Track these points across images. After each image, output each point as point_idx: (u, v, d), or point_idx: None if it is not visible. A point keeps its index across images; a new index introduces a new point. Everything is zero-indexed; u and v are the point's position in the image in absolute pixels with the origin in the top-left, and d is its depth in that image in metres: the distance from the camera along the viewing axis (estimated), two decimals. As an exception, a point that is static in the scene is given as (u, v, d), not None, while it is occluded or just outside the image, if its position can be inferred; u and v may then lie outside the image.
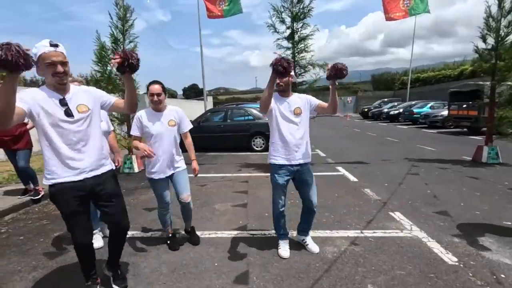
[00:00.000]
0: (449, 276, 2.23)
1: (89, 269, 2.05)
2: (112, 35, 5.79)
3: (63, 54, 1.70)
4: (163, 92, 2.56)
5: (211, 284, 2.21)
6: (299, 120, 2.48)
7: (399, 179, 5.07)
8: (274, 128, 2.52)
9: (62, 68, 1.68)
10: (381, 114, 21.40)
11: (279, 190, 2.57)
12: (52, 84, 1.73)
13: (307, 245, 2.70)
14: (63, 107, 1.73)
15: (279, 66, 2.08)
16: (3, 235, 3.18)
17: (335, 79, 2.30)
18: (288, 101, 2.49)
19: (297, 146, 2.47)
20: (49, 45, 1.64)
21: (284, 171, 2.50)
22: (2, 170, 5.72)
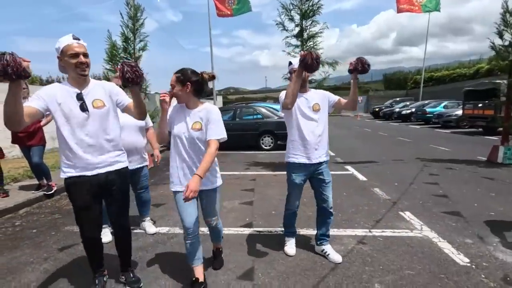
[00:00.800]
0: (461, 277, 2.16)
1: (97, 262, 2.09)
2: (123, 34, 5.89)
3: (84, 46, 1.75)
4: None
5: (216, 280, 2.22)
6: (318, 116, 2.38)
7: (410, 179, 4.96)
8: (292, 126, 2.41)
9: (84, 59, 1.72)
10: (393, 114, 21.02)
11: (296, 190, 2.49)
12: (73, 77, 1.77)
13: (328, 255, 2.47)
14: (79, 102, 1.76)
15: (310, 60, 2.03)
16: (17, 228, 3.28)
17: (357, 73, 2.25)
18: (306, 97, 2.39)
19: (317, 144, 2.37)
20: (72, 38, 1.70)
21: (303, 171, 2.42)
22: (17, 166, 5.90)
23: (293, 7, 5.40)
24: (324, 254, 2.50)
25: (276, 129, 8.19)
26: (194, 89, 1.91)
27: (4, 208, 3.65)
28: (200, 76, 1.92)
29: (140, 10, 5.90)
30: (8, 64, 1.25)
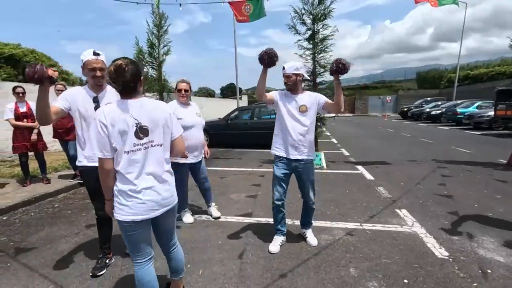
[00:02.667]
0: (434, 268, 2.33)
1: (104, 241, 2.44)
2: (148, 40, 6.47)
3: (102, 61, 2.18)
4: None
5: (212, 257, 2.57)
6: (303, 117, 2.59)
7: (418, 179, 4.99)
8: (278, 122, 2.69)
9: (100, 73, 2.17)
10: (422, 114, 20.19)
11: (276, 181, 2.72)
12: (91, 84, 2.22)
13: (306, 237, 2.83)
14: (94, 103, 2.20)
15: (263, 55, 2.35)
16: (56, 209, 3.89)
17: (337, 74, 2.41)
18: (296, 99, 2.60)
19: (297, 142, 2.58)
20: (92, 53, 2.13)
21: (283, 164, 2.69)
22: (58, 158, 6.71)
23: (305, 12, 5.62)
24: (303, 236, 2.89)
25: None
26: None
27: (46, 193, 4.30)
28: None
29: (164, 18, 6.44)
30: (36, 71, 1.64)
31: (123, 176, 1.54)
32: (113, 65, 1.50)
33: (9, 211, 3.71)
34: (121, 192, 1.56)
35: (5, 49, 13.18)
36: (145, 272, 1.66)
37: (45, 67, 1.67)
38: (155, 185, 1.60)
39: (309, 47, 5.76)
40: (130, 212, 1.54)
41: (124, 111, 1.51)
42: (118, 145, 1.50)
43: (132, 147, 1.53)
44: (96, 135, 1.48)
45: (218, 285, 2.16)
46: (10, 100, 4.71)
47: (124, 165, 1.53)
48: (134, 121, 1.52)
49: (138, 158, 1.55)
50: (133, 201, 1.54)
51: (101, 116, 1.48)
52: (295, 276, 2.26)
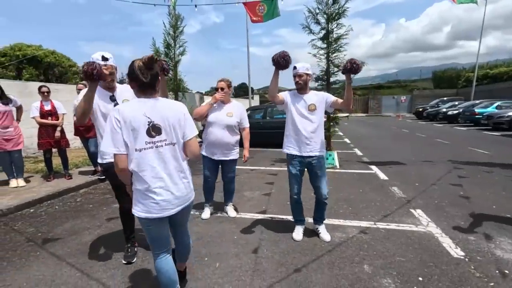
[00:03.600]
0: (449, 267, 2.33)
1: (128, 232, 2.60)
2: (165, 41, 6.63)
3: (111, 66, 2.28)
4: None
5: (228, 251, 2.65)
6: (313, 116, 2.70)
7: (433, 179, 4.92)
8: (289, 121, 2.80)
9: (109, 78, 2.28)
10: (438, 114, 19.70)
11: (292, 179, 2.85)
12: (103, 85, 2.32)
13: (319, 233, 2.89)
14: (112, 102, 2.31)
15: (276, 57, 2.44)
16: (78, 203, 4.07)
17: (350, 74, 2.51)
18: (304, 98, 2.71)
19: (308, 139, 2.69)
20: (101, 59, 2.21)
21: (296, 162, 2.78)
22: (78, 155, 6.98)
23: (319, 11, 5.63)
24: (317, 231, 2.93)
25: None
26: None
27: (69, 188, 4.50)
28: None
29: (180, 19, 6.59)
30: (94, 68, 1.81)
31: (137, 175, 1.56)
32: (143, 58, 1.55)
33: (36, 204, 3.92)
34: (136, 190, 1.60)
35: (28, 50, 13.75)
36: (163, 262, 1.75)
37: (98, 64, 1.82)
38: (168, 184, 1.60)
39: (323, 47, 5.77)
40: (144, 210, 1.59)
41: (138, 109, 1.54)
42: (130, 142, 1.52)
43: (144, 145, 1.54)
44: (111, 130, 1.50)
45: (234, 278, 2.24)
46: (34, 99, 4.95)
47: (137, 164, 1.54)
48: (147, 119, 1.54)
49: (150, 156, 1.55)
50: (148, 201, 1.57)
51: (116, 112, 1.52)
52: (309, 271, 2.31)
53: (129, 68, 1.59)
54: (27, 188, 4.44)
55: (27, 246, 2.80)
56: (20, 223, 3.35)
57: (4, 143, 4.34)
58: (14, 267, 2.44)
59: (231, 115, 3.19)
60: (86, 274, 2.32)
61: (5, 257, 2.60)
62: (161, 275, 1.75)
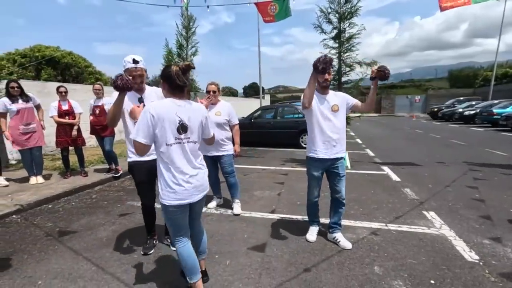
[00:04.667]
0: (462, 270, 2.28)
1: (150, 226, 2.73)
2: (177, 41, 6.73)
3: (141, 69, 2.38)
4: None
5: (238, 249, 2.69)
6: (337, 116, 2.64)
7: (447, 181, 4.82)
8: (313, 124, 2.68)
9: (139, 79, 2.38)
10: (454, 115, 19.17)
11: (315, 182, 2.77)
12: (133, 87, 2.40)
13: (339, 242, 2.73)
14: (140, 103, 2.38)
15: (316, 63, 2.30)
16: (94, 199, 4.20)
17: (377, 81, 2.52)
18: (327, 98, 2.65)
19: (335, 141, 2.64)
20: (132, 62, 2.32)
21: (320, 164, 2.72)
22: (93, 153, 7.18)
23: (331, 10, 5.59)
24: (335, 241, 2.77)
25: (315, 128, 8.35)
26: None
27: (84, 185, 4.65)
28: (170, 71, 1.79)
29: (192, 20, 6.68)
30: (125, 82, 1.93)
31: (167, 166, 1.76)
32: (181, 64, 1.79)
33: (53, 200, 4.07)
34: (166, 180, 1.77)
35: (46, 51, 14.20)
36: (186, 248, 1.91)
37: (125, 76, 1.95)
38: (193, 173, 1.83)
39: (335, 46, 5.73)
40: (176, 198, 1.78)
41: (171, 108, 1.73)
42: (162, 137, 1.71)
43: (173, 140, 1.74)
44: (145, 124, 1.67)
45: (244, 275, 2.27)
46: (52, 99, 5.13)
47: (167, 156, 1.74)
48: (178, 118, 1.74)
49: (177, 150, 1.76)
50: (179, 188, 1.77)
51: (152, 109, 1.68)
52: (319, 271, 2.31)
53: (164, 71, 1.79)
54: (45, 184, 4.61)
55: (46, 240, 2.92)
56: (39, 218, 3.49)
57: (26, 141, 4.51)
58: (34, 259, 2.55)
59: (219, 114, 3.44)
60: (102, 268, 2.40)
61: (26, 250, 2.72)
62: (188, 258, 1.90)
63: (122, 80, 1.92)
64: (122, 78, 1.93)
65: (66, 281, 2.22)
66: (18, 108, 4.44)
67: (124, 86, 1.94)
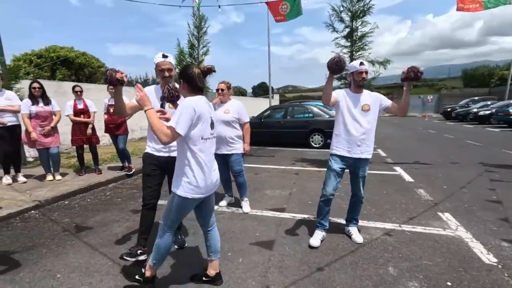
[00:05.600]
0: (480, 273, 2.23)
1: (143, 230, 2.44)
2: (189, 41, 6.80)
3: (170, 63, 2.37)
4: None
5: (250, 247, 2.70)
6: (366, 116, 2.62)
7: (462, 182, 4.71)
8: (340, 122, 2.70)
9: (167, 74, 2.36)
10: (468, 115, 18.71)
11: (332, 177, 2.72)
12: (162, 84, 2.40)
13: (351, 235, 2.81)
14: (161, 101, 2.40)
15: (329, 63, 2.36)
16: (108, 196, 4.29)
17: (410, 81, 2.46)
18: (359, 97, 2.64)
19: (360, 141, 2.61)
20: (161, 56, 2.35)
21: (342, 160, 2.71)
22: (107, 151, 7.32)
23: (343, 9, 5.54)
24: (348, 234, 2.85)
25: (326, 128, 8.29)
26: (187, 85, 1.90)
27: (99, 182, 4.75)
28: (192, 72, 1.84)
29: (204, 20, 6.73)
30: (107, 76, 1.98)
31: (200, 159, 1.84)
32: (204, 66, 1.89)
33: (70, 197, 4.17)
34: (196, 174, 1.83)
35: (61, 52, 14.56)
36: (170, 239, 2.00)
37: (115, 72, 1.98)
38: (215, 167, 1.99)
39: (347, 45, 5.68)
40: (200, 192, 1.86)
41: (206, 106, 1.86)
42: (200, 131, 1.81)
43: (208, 135, 1.87)
44: (188, 117, 1.73)
45: (257, 273, 2.28)
46: (68, 98, 5.25)
47: (201, 149, 1.84)
48: (210, 115, 1.89)
49: (209, 145, 1.90)
50: (205, 181, 1.87)
51: (195, 105, 1.76)
52: (332, 271, 2.30)
53: (186, 72, 1.85)
54: (62, 181, 4.73)
55: (63, 235, 3.00)
56: (57, 214, 3.59)
57: (44, 140, 4.63)
58: (53, 254, 2.62)
59: (227, 112, 3.46)
60: (117, 263, 2.45)
61: (44, 244, 2.80)
62: (168, 248, 2.00)
63: (110, 75, 1.97)
64: (105, 73, 2.00)
65: (84, 275, 2.28)
66: (37, 110, 4.54)
67: (111, 79, 1.97)
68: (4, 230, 3.13)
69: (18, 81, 5.65)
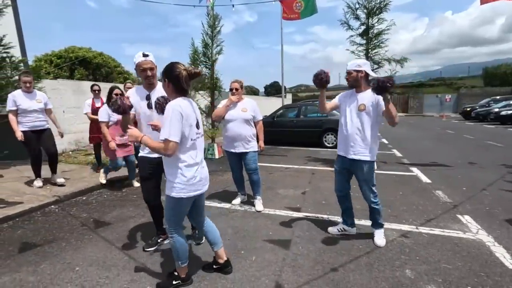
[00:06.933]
0: (504, 279, 2.14)
1: (157, 224, 2.71)
2: (203, 41, 6.85)
3: (151, 62, 2.32)
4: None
5: (263, 246, 2.70)
6: (360, 116, 2.56)
7: (483, 184, 4.54)
8: (339, 121, 2.76)
9: (150, 73, 2.32)
10: (489, 115, 18.00)
11: (336, 176, 2.85)
12: (144, 83, 2.41)
13: (374, 237, 2.77)
14: (147, 101, 2.38)
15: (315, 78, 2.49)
16: (124, 193, 4.39)
17: (379, 93, 2.25)
18: (358, 97, 2.60)
19: (353, 141, 2.58)
20: (142, 55, 2.31)
21: (340, 161, 2.75)
22: (123, 149, 7.48)
23: (359, 6, 5.44)
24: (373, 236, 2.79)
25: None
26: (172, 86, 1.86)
27: (115, 179, 4.86)
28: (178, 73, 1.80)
29: (218, 19, 6.76)
30: (120, 106, 1.94)
31: (189, 160, 1.85)
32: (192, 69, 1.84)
33: (87, 193, 4.29)
34: (186, 174, 1.84)
35: (79, 52, 14.99)
36: (182, 236, 2.03)
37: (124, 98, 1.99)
38: (204, 165, 2.02)
39: (362, 43, 5.57)
40: (193, 189, 1.89)
41: (189, 107, 1.85)
42: (188, 133, 1.82)
43: (195, 135, 1.89)
44: (177, 122, 1.73)
45: (271, 272, 2.27)
46: (86, 97, 5.41)
47: (190, 149, 1.86)
48: (195, 115, 1.89)
49: (197, 144, 1.92)
50: (196, 179, 1.89)
51: (180, 108, 1.75)
52: (346, 271, 2.26)
53: (171, 71, 1.80)
54: (80, 177, 4.87)
55: (82, 230, 3.09)
56: (75, 209, 3.70)
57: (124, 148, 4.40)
58: (72, 247, 2.70)
59: (245, 110, 3.46)
60: (133, 258, 2.50)
61: (64, 238, 2.89)
62: (184, 244, 2.03)
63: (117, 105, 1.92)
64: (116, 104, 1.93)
65: (101, 269, 2.34)
66: (118, 118, 4.11)
67: (123, 108, 1.95)
68: (26, 223, 3.26)
69: (40, 80, 5.85)
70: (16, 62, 5.46)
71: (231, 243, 2.74)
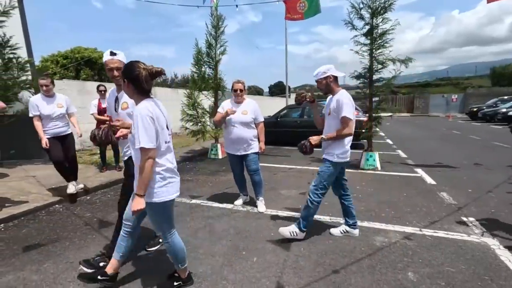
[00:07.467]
0: (508, 282, 2.11)
1: None
2: (207, 41, 6.87)
3: (119, 61, 2.19)
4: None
5: (265, 247, 2.69)
6: (327, 119, 2.83)
7: (489, 186, 4.48)
8: None
9: (116, 73, 2.19)
10: (496, 115, 17.76)
11: None
12: (116, 83, 2.30)
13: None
14: (115, 104, 2.35)
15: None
16: (127, 193, 4.42)
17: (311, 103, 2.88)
18: (329, 102, 2.82)
19: (327, 142, 2.82)
20: (109, 54, 2.20)
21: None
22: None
23: (363, 5, 5.39)
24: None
25: (343, 128, 8.12)
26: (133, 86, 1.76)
27: (119, 179, 4.89)
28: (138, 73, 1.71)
29: (221, 19, 6.77)
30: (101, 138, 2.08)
31: (165, 163, 1.81)
32: (152, 68, 1.74)
33: (92, 192, 4.34)
34: (166, 176, 1.81)
35: (85, 53, 15.15)
36: (177, 237, 2.02)
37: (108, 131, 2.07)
38: (176, 165, 1.95)
39: (366, 43, 5.52)
40: (174, 191, 1.87)
41: (157, 108, 1.77)
42: (161, 136, 1.76)
43: (168, 137, 1.84)
44: (148, 128, 1.65)
45: (271, 273, 2.26)
46: (91, 97, 5.46)
47: (165, 153, 1.82)
48: (164, 117, 1.81)
49: (171, 146, 1.89)
50: (175, 181, 1.88)
51: (150, 113, 1.68)
52: (348, 274, 2.25)
53: (130, 71, 1.70)
54: (84, 177, 4.92)
55: (85, 229, 3.12)
56: (79, 208, 3.74)
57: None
58: (75, 247, 2.73)
59: (246, 113, 3.45)
60: (135, 258, 2.52)
61: (67, 238, 2.92)
62: (180, 245, 2.02)
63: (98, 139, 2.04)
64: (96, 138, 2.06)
65: (104, 268, 2.35)
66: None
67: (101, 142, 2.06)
68: (31, 222, 3.30)
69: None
70: (23, 62, 5.53)
71: (232, 244, 2.74)
